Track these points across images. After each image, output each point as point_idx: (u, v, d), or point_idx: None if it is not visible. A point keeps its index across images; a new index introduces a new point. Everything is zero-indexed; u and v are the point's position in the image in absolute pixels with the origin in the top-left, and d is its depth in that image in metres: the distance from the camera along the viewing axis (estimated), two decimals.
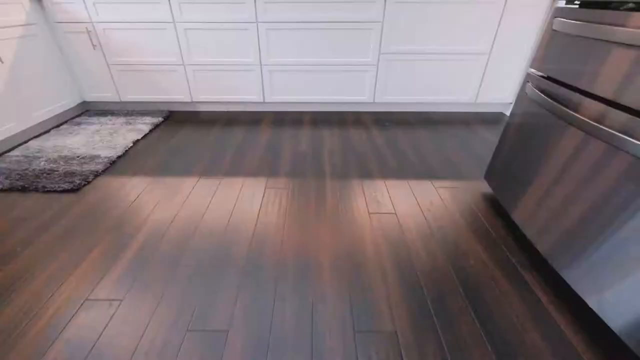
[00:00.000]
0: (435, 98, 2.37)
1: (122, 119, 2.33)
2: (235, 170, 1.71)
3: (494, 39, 2.13)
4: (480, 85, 2.31)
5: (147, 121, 2.29)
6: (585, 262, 0.92)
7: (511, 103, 2.40)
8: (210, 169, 1.71)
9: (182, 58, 2.26)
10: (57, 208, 1.43)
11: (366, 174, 1.67)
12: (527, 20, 2.06)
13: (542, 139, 1.12)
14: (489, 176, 1.47)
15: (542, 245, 1.09)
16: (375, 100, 2.38)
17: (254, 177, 1.65)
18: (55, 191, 1.52)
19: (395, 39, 2.15)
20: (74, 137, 2.04)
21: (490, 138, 2.09)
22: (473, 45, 2.16)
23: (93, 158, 1.78)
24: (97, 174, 1.64)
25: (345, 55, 2.22)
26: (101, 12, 2.11)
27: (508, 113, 2.46)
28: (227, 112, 2.54)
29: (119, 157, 1.84)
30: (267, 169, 1.72)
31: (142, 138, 2.08)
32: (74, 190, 1.53)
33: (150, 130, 2.19)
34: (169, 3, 2.07)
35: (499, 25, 2.09)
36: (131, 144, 1.97)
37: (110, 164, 1.75)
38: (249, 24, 2.12)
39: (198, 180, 1.61)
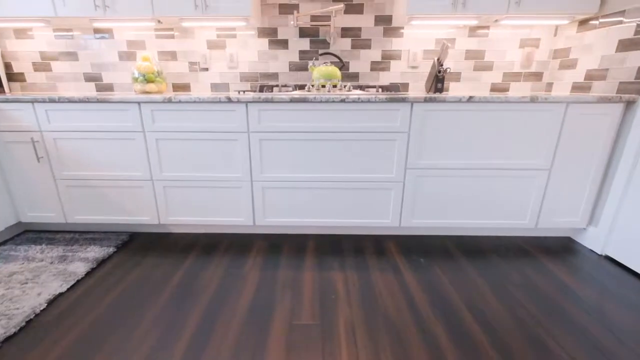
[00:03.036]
0: (480, 222, 1.79)
1: (58, 251, 1.71)
2: None
3: (555, 152, 1.65)
4: (541, 208, 1.74)
5: (91, 255, 1.66)
6: None
7: (585, 228, 1.80)
8: None
9: (150, 172, 1.76)
10: None
11: None
12: (595, 130, 1.60)
13: None
14: None
15: None
16: (402, 225, 1.80)
17: None
18: None
19: (426, 151, 1.67)
20: None
21: (567, 281, 1.43)
22: (528, 160, 1.67)
23: None
24: None
25: (362, 171, 1.71)
26: (54, 119, 1.68)
27: (578, 239, 1.85)
28: (207, 234, 1.94)
29: (9, 338, 1.14)
30: None
31: (68, 290, 1.41)
32: None
33: (89, 272, 1.54)
34: (139, 109, 1.65)
35: (559, 136, 1.62)
36: (44, 305, 1.29)
37: None
38: (239, 133, 1.67)
39: None
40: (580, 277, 1.52)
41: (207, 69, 2.20)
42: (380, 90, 1.82)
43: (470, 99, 1.56)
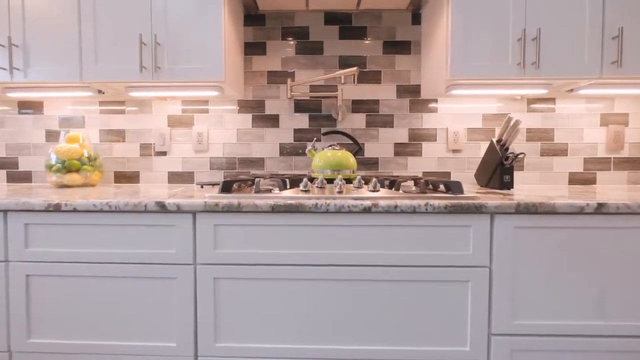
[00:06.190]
0: None
1: None
2: None
3: None
4: None
5: None
6: None
7: None
8: None
9: (7, 338, 0.94)
10: None
11: None
12: None
13: None
14: None
15: None
16: None
17: None
18: None
19: (525, 302, 0.89)
20: None
21: None
22: None
23: None
24: None
25: (407, 340, 0.90)
26: None
27: None
28: None
29: None
30: None
31: None
32: None
33: None
34: (4, 223, 0.94)
35: None
36: None
37: None
38: (178, 267, 0.92)
39: None
40: None
41: (164, 153, 1.57)
42: (430, 187, 1.13)
43: (600, 208, 0.86)
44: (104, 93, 1.44)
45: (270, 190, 1.04)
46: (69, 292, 0.94)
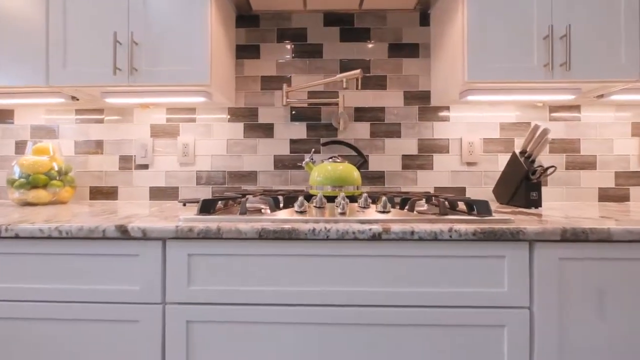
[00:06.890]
0: None
1: None
2: None
3: None
4: None
5: None
6: None
7: None
8: None
9: None
10: None
11: None
12: None
13: None
14: None
15: None
16: None
17: None
18: None
19: (576, 353, 0.72)
20: None
21: None
22: None
23: None
24: None
25: None
26: None
27: None
28: None
29: None
30: None
31: None
32: None
33: None
34: None
35: None
36: None
37: None
38: (142, 307, 0.74)
39: None
40: None
41: (146, 166, 1.41)
42: (446, 204, 0.94)
43: None
44: (78, 100, 1.29)
45: (260, 211, 0.88)
46: (7, 339, 0.76)
